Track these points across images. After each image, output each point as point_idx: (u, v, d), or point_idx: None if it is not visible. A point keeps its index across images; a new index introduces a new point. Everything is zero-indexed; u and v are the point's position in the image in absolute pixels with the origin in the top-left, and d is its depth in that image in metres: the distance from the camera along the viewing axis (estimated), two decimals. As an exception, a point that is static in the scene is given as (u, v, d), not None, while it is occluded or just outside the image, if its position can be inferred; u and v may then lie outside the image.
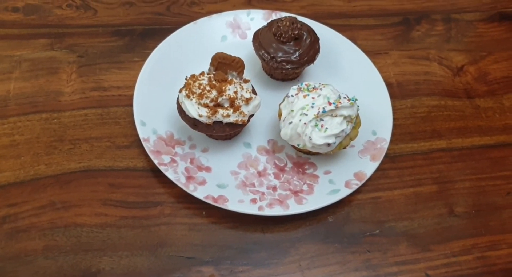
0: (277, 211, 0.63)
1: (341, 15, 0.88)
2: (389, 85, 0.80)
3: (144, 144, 0.66)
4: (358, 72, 0.78)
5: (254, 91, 0.68)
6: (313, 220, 0.66)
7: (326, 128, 0.62)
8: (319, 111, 0.62)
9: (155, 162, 0.64)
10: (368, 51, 0.83)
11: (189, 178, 0.64)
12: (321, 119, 0.62)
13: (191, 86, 0.63)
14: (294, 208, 0.63)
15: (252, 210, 0.62)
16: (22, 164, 0.67)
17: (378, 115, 0.73)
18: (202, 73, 0.65)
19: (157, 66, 0.74)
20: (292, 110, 0.64)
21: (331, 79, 0.76)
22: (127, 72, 0.76)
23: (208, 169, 0.67)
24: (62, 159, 0.67)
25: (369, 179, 0.69)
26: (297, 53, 0.71)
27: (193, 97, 0.62)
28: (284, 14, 0.81)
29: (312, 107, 0.62)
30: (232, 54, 0.66)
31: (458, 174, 0.72)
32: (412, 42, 0.86)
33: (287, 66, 0.71)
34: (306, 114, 0.62)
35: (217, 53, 0.65)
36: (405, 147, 0.74)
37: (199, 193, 0.63)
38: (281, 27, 0.70)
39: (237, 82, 0.64)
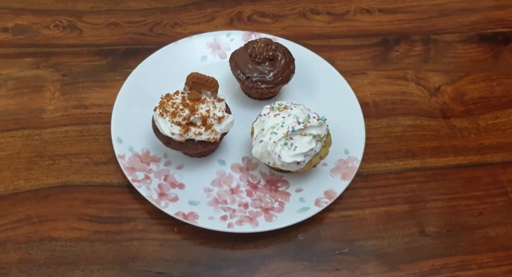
0: (246, 228, 0.64)
1: (321, 36, 0.91)
2: (365, 105, 0.81)
3: (119, 160, 0.68)
4: (333, 92, 0.79)
5: (228, 110, 0.69)
6: (283, 238, 0.67)
7: (296, 147, 0.64)
8: (288, 131, 0.63)
9: (129, 178, 0.66)
10: (345, 71, 0.85)
11: (161, 195, 0.66)
12: (291, 138, 0.64)
13: (165, 105, 0.65)
14: (263, 225, 0.64)
15: (222, 227, 0.64)
16: (2, 179, 0.69)
17: (351, 135, 0.74)
18: (177, 93, 0.67)
19: (137, 85, 0.76)
20: (263, 129, 0.65)
21: (307, 98, 0.78)
22: (109, 90, 0.78)
23: (181, 186, 0.68)
24: (41, 174, 0.69)
25: (341, 197, 0.70)
26: (271, 74, 0.73)
27: (167, 115, 0.64)
28: (263, 35, 0.83)
29: (282, 126, 0.64)
30: (212, 74, 0.68)
31: (430, 194, 0.73)
32: (390, 62, 0.88)
33: (262, 86, 0.73)
34: (276, 133, 0.64)
35: (191, 73, 0.67)
36: (378, 166, 0.75)
37: (170, 210, 0.64)
38: (256, 49, 0.72)
39: (210, 101, 0.66)
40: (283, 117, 0.65)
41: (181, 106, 0.64)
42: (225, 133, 0.68)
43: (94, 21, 0.88)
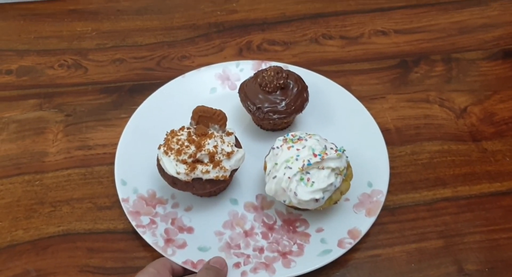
0: (262, 276, 0.58)
1: (335, 61, 0.86)
2: (386, 131, 0.75)
3: (123, 204, 0.63)
4: (351, 119, 0.74)
5: (238, 144, 0.65)
6: (304, 282, 0.60)
7: (313, 182, 0.58)
8: (303, 164, 0.58)
9: (133, 223, 0.61)
10: (363, 96, 0.80)
11: (168, 241, 0.61)
12: (307, 173, 0.58)
13: (169, 142, 0.61)
14: (281, 272, 0.58)
15: (234, 275, 0.58)
16: None
17: (374, 165, 0.68)
18: (182, 128, 0.63)
19: (142, 122, 0.73)
20: (276, 164, 0.60)
21: (323, 127, 0.73)
22: (113, 129, 0.75)
23: (190, 230, 0.63)
24: (41, 223, 0.65)
25: (366, 235, 0.64)
26: (283, 103, 0.68)
27: (171, 153, 0.60)
28: (273, 64, 0.79)
29: (297, 159, 0.59)
30: (222, 106, 0.64)
31: (466, 226, 0.66)
32: (411, 84, 0.83)
33: (274, 117, 0.68)
34: (291, 168, 0.58)
35: (197, 107, 0.63)
36: (405, 198, 0.68)
37: (178, 258, 0.59)
38: (266, 77, 0.68)
39: (218, 135, 0.62)
40: (298, 149, 0.59)
41: (186, 143, 0.60)
42: (235, 170, 0.63)
43: (100, 58, 0.86)
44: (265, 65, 0.80)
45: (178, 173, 0.59)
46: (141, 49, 0.88)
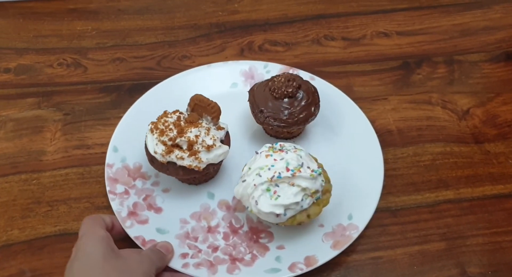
0: (201, 273, 0.57)
1: (337, 62, 0.85)
2: (388, 132, 0.75)
3: (106, 169, 0.65)
4: (355, 140, 0.71)
5: (227, 141, 0.64)
6: (305, 285, 0.59)
7: (278, 196, 0.55)
8: (274, 176, 0.55)
9: (107, 189, 0.63)
10: (365, 97, 0.79)
11: (132, 213, 0.62)
12: (276, 185, 0.56)
13: (159, 121, 0.61)
14: (220, 275, 0.57)
15: (175, 264, 0.58)
16: (-5, 229, 0.64)
17: (363, 195, 0.64)
18: (175, 112, 0.62)
19: (151, 101, 0.74)
20: (250, 168, 0.58)
21: (330, 143, 0.72)
22: (112, 128, 0.73)
23: (158, 210, 0.64)
24: (38, 222, 0.64)
25: (368, 236, 0.63)
26: (286, 112, 0.66)
27: (156, 132, 0.60)
28: (301, 72, 0.78)
29: (269, 169, 0.56)
30: (236, 103, 0.67)
31: (469, 228, 0.65)
32: (413, 86, 0.82)
33: (274, 123, 0.66)
34: (261, 176, 0.56)
35: (195, 95, 0.63)
36: (407, 199, 0.68)
37: (132, 231, 0.60)
38: (276, 82, 0.67)
39: (205, 126, 0.61)
40: (275, 159, 0.57)
41: (171, 126, 0.60)
42: (218, 164, 0.62)
43: (99, 57, 0.85)
44: (293, 71, 0.78)
45: (155, 152, 0.60)
46: (142, 48, 0.87)
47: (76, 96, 0.79)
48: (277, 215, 0.55)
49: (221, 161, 0.63)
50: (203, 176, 0.65)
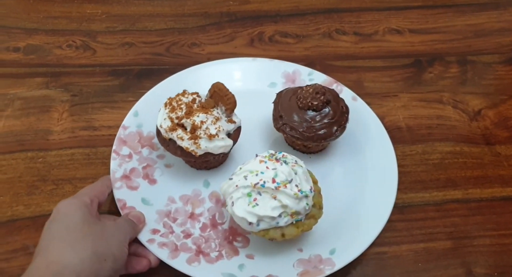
0: (161, 253, 0.56)
1: (348, 57, 0.84)
2: (398, 129, 0.74)
3: (120, 129, 0.67)
4: (375, 161, 0.68)
5: (235, 136, 0.63)
6: (308, 277, 0.58)
7: (256, 204, 0.53)
8: (258, 183, 0.53)
9: (113, 148, 0.64)
10: (375, 93, 0.78)
11: (125, 177, 0.63)
12: (259, 193, 0.53)
13: (175, 98, 0.61)
14: (177, 261, 0.56)
15: (143, 236, 0.58)
16: (0, 204, 0.63)
17: (349, 232, 0.61)
18: (193, 93, 0.62)
19: (185, 79, 0.73)
20: (241, 168, 0.56)
21: (348, 169, 0.68)
22: (120, 111, 0.73)
23: (152, 182, 0.64)
24: (43, 200, 0.64)
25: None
26: (305, 125, 0.63)
27: (168, 108, 0.61)
28: (345, 90, 0.73)
29: (257, 175, 0.54)
30: (266, 103, 0.65)
31: (476, 229, 0.64)
32: (424, 84, 0.81)
33: (289, 132, 0.63)
34: (246, 179, 0.54)
35: (217, 82, 0.62)
36: (415, 197, 0.67)
37: (118, 193, 0.61)
38: (304, 92, 0.64)
39: (216, 116, 0.60)
40: (267, 167, 0.54)
41: (183, 106, 0.60)
42: (217, 155, 0.61)
43: (109, 41, 0.85)
44: (337, 86, 0.74)
45: (161, 126, 0.60)
46: (151, 34, 0.86)
47: (84, 78, 0.78)
48: (249, 223, 0.53)
49: (226, 153, 0.62)
50: (203, 163, 0.64)
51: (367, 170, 0.66)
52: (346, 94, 0.73)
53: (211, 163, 0.65)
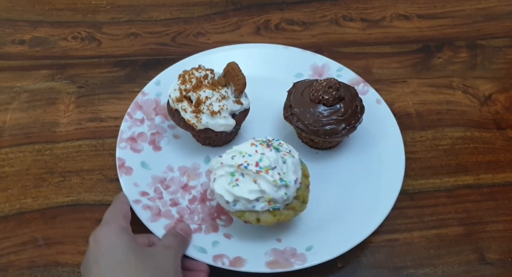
0: (143, 215, 0.58)
1: (355, 43, 0.83)
2: (407, 115, 0.73)
3: (139, 95, 0.69)
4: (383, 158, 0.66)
5: (240, 117, 0.63)
6: (319, 266, 0.58)
7: (237, 184, 0.53)
8: (242, 164, 0.53)
9: (128, 110, 0.67)
10: (384, 79, 0.77)
11: (131, 139, 0.65)
12: (242, 174, 0.53)
13: (190, 71, 0.62)
14: (155, 225, 0.57)
15: (131, 195, 0.59)
16: (8, 197, 0.63)
17: (334, 233, 0.59)
18: (207, 69, 0.63)
19: (214, 57, 0.74)
20: (232, 148, 0.57)
21: (354, 169, 0.65)
22: (126, 102, 0.72)
23: (157, 148, 0.66)
24: (50, 192, 0.63)
25: (385, 218, 0.61)
26: (312, 119, 0.61)
27: (180, 79, 0.62)
28: (371, 91, 0.71)
29: (244, 157, 0.54)
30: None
31: (489, 214, 0.63)
32: (433, 70, 0.80)
33: (295, 123, 0.62)
34: (232, 159, 0.54)
35: (232, 62, 0.62)
36: (425, 183, 0.66)
37: (120, 152, 0.63)
38: (317, 85, 0.62)
39: (221, 93, 0.60)
40: (256, 151, 0.54)
41: (193, 79, 0.61)
42: (219, 133, 0.61)
43: (114, 32, 0.84)
44: (364, 85, 0.71)
45: (169, 96, 0.62)
46: (156, 24, 0.86)
47: (90, 69, 0.78)
48: (227, 202, 0.53)
49: (230, 133, 0.64)
50: (206, 139, 0.65)
51: (370, 176, 0.64)
52: (371, 96, 0.70)
53: (214, 140, 0.65)
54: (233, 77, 0.61)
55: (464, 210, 0.64)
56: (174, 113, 0.63)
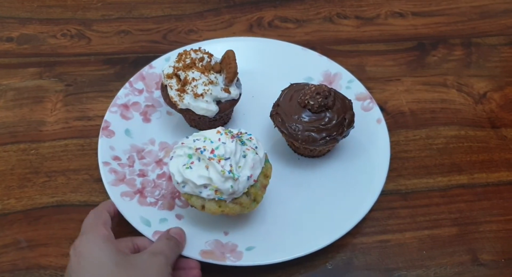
0: (106, 177, 0.59)
1: (349, 41, 0.82)
2: (401, 114, 0.72)
3: (146, 67, 0.71)
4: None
5: (224, 106, 0.62)
6: (309, 267, 0.57)
7: (190, 167, 0.52)
8: (200, 148, 0.52)
9: (131, 79, 0.70)
10: (378, 77, 0.76)
11: (124, 106, 0.67)
12: (198, 159, 0.52)
13: (189, 51, 0.62)
14: (113, 189, 0.58)
15: (103, 156, 0.61)
16: (-9, 198, 0.62)
17: (283, 239, 0.57)
18: (206, 53, 0.63)
19: (232, 44, 0.70)
20: (200, 131, 0.58)
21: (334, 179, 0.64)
22: (115, 101, 0.71)
23: (146, 120, 0.68)
24: (35, 193, 0.62)
25: (375, 219, 0.61)
26: (294, 122, 0.59)
27: (178, 57, 0.62)
28: (375, 109, 0.68)
29: (205, 142, 0.53)
30: None
31: (482, 215, 0.62)
32: (428, 68, 0.79)
33: (278, 123, 0.61)
34: (194, 141, 0.54)
35: (230, 50, 0.62)
36: (418, 183, 0.65)
37: (111, 116, 0.65)
38: (307, 89, 0.60)
39: (210, 78, 0.60)
40: (219, 139, 0.53)
41: (188, 60, 0.61)
42: (203, 117, 0.62)
43: (104, 29, 0.83)
44: (369, 102, 0.68)
45: (163, 71, 0.63)
46: (147, 21, 0.85)
47: (79, 67, 0.77)
48: (177, 182, 0.53)
49: (214, 119, 0.64)
50: (192, 121, 0.66)
51: (342, 193, 0.61)
52: (373, 113, 0.67)
53: (198, 123, 0.66)
54: (226, 65, 0.61)
55: (458, 210, 0.62)
56: (163, 89, 0.64)
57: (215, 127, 0.58)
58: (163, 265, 0.47)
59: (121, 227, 0.56)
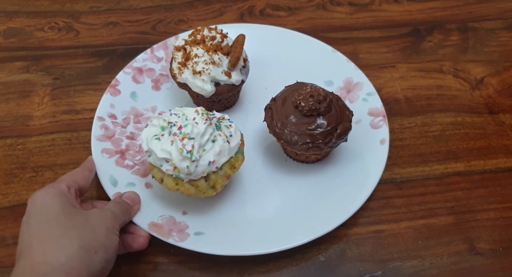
0: (97, 131, 0.62)
1: (343, 28, 0.80)
2: (396, 101, 0.70)
3: (172, 37, 0.73)
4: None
5: (221, 90, 0.62)
6: (301, 259, 0.56)
7: (159, 139, 0.53)
8: (172, 123, 0.53)
9: (154, 46, 0.72)
10: (372, 64, 0.75)
11: (138, 69, 0.70)
12: (170, 133, 0.53)
13: (204, 28, 0.63)
14: (97, 144, 0.61)
15: (101, 111, 0.64)
16: (-23, 195, 0.61)
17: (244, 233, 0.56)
18: (222, 34, 0.63)
19: (254, 32, 0.72)
20: (182, 107, 0.57)
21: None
22: (103, 93, 0.69)
23: (156, 88, 0.69)
24: (22, 188, 0.61)
25: (370, 209, 0.59)
26: (281, 120, 0.57)
27: (194, 31, 0.63)
28: (383, 128, 0.64)
29: (179, 117, 0.53)
30: None
31: (479, 203, 0.61)
32: (423, 54, 0.77)
33: (268, 118, 0.59)
34: (171, 115, 0.54)
35: (242, 35, 0.62)
36: (414, 171, 0.63)
37: (122, 75, 0.68)
38: (301, 91, 0.57)
39: (213, 58, 0.60)
40: (194, 118, 0.53)
41: (199, 36, 0.62)
42: (200, 95, 0.62)
43: (92, 21, 0.81)
44: (382, 119, 0.65)
45: (174, 43, 0.65)
46: (136, 12, 0.83)
47: (66, 60, 0.75)
48: (145, 151, 0.54)
49: (216, 102, 0.64)
50: (193, 97, 0.66)
51: (320, 202, 0.59)
52: (380, 133, 0.63)
53: (196, 99, 0.66)
54: (233, 49, 0.61)
55: (454, 198, 0.61)
56: (172, 60, 0.64)
57: (213, 109, 0.58)
58: (108, 219, 0.50)
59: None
